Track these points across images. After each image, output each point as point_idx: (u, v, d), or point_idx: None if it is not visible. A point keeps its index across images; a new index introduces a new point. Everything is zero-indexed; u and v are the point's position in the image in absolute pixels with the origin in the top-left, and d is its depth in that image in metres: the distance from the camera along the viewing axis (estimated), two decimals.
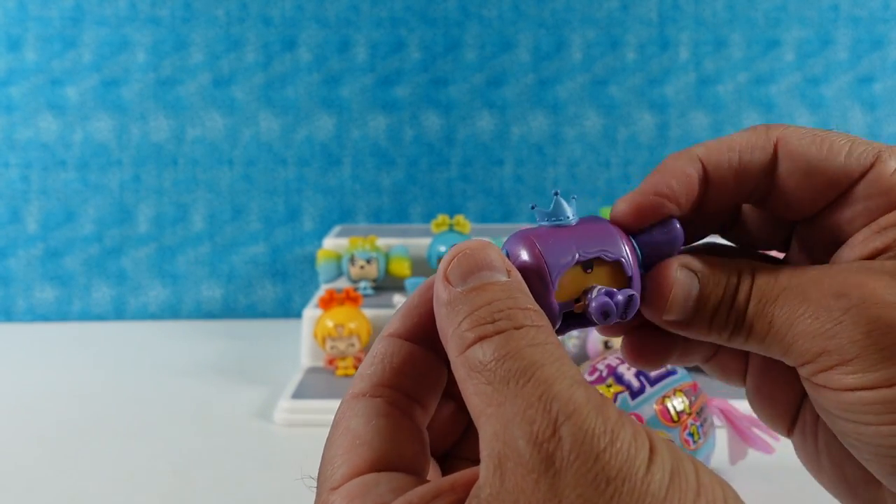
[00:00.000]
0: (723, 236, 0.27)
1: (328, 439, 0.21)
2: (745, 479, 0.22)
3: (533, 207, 0.23)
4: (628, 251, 0.22)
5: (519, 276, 0.20)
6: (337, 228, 1.14)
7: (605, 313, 0.21)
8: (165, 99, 1.18)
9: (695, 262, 0.23)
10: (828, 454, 0.24)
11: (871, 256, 0.22)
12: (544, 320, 0.19)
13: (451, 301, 0.19)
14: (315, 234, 1.20)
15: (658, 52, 1.21)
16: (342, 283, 0.98)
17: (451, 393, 0.23)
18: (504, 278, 0.20)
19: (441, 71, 1.20)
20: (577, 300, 0.22)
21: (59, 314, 1.18)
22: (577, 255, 0.21)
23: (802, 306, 0.21)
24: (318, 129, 1.20)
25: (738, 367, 0.26)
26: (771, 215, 0.25)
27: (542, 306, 0.20)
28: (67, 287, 1.18)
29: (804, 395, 0.24)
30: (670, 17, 1.20)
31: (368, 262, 0.96)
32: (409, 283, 0.87)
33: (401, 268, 0.96)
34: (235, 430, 0.75)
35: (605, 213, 0.28)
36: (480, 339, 0.18)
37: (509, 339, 0.18)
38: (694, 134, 1.22)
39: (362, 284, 0.96)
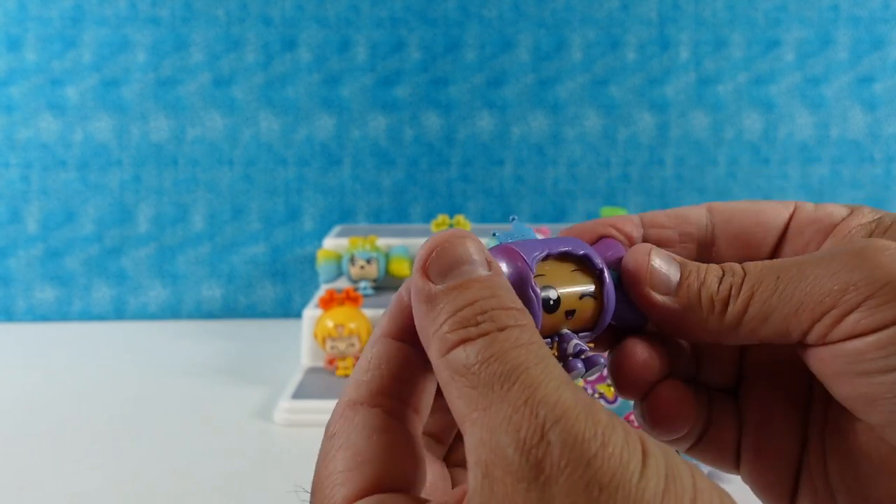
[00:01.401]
0: None
1: (324, 451, 0.20)
2: (741, 486, 0.22)
3: (494, 234, 0.23)
4: (594, 252, 0.23)
5: (500, 268, 0.20)
6: (337, 228, 1.14)
7: (574, 377, 0.21)
8: (165, 99, 1.18)
9: (667, 252, 0.23)
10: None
11: None
12: (527, 318, 0.18)
13: (431, 299, 0.19)
14: (315, 234, 1.20)
15: (658, 52, 1.21)
16: (342, 284, 0.98)
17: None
18: (485, 272, 0.19)
19: (441, 71, 1.20)
20: (553, 339, 0.22)
21: (60, 314, 1.18)
22: (547, 251, 0.22)
23: (803, 272, 0.20)
24: (318, 129, 1.20)
25: (729, 440, 0.24)
26: None
27: (521, 299, 0.20)
28: (67, 287, 1.18)
29: (805, 451, 0.23)
30: (670, 17, 1.20)
31: (368, 262, 0.96)
32: None
33: (401, 268, 0.96)
34: (235, 431, 0.75)
35: (606, 212, 0.28)
36: (463, 341, 0.18)
37: (493, 342, 0.17)
38: (694, 134, 1.22)
39: (362, 284, 0.96)
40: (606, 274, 0.22)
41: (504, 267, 0.21)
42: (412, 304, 0.20)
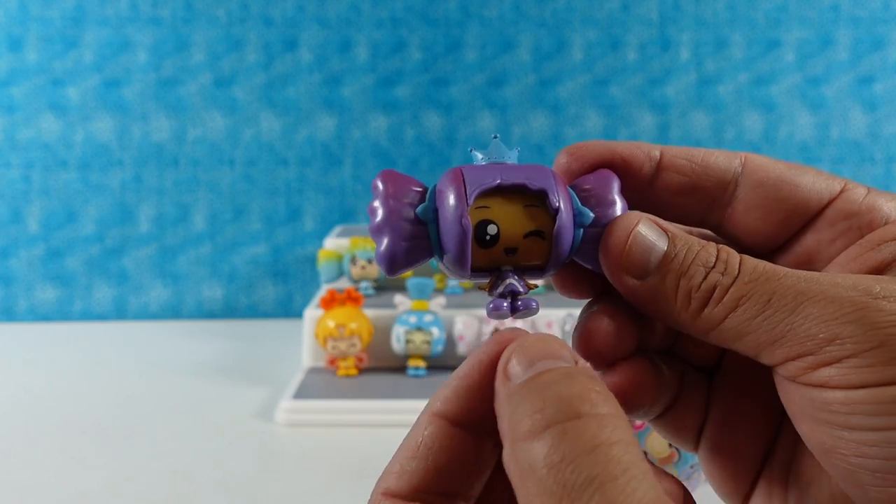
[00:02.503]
0: None
1: None
2: None
3: (471, 150, 0.22)
4: (559, 190, 0.20)
5: (588, 365, 0.17)
6: (338, 228, 1.14)
7: (498, 315, 0.20)
8: (166, 99, 1.18)
9: (662, 221, 0.20)
10: None
11: (871, 273, 0.20)
12: (610, 405, 0.16)
13: (508, 394, 0.17)
14: (316, 234, 1.20)
15: (659, 53, 1.21)
16: (343, 284, 0.98)
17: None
18: (568, 364, 0.17)
19: (442, 71, 1.20)
20: (491, 273, 0.20)
21: (61, 314, 1.18)
22: (499, 180, 0.20)
23: (798, 305, 0.18)
24: (319, 130, 1.20)
25: (694, 421, 0.23)
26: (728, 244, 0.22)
27: (451, 222, 0.19)
28: (69, 287, 1.18)
29: (770, 459, 0.22)
30: (671, 18, 1.21)
31: (369, 262, 0.96)
32: (410, 283, 0.87)
33: None
34: (237, 431, 0.75)
35: None
36: (531, 433, 0.15)
37: (563, 438, 0.15)
38: (695, 134, 1.22)
39: (363, 284, 0.96)
40: (564, 215, 0.20)
41: (442, 193, 0.20)
42: (495, 404, 0.18)
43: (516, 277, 0.20)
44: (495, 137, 0.22)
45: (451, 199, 0.20)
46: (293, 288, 1.21)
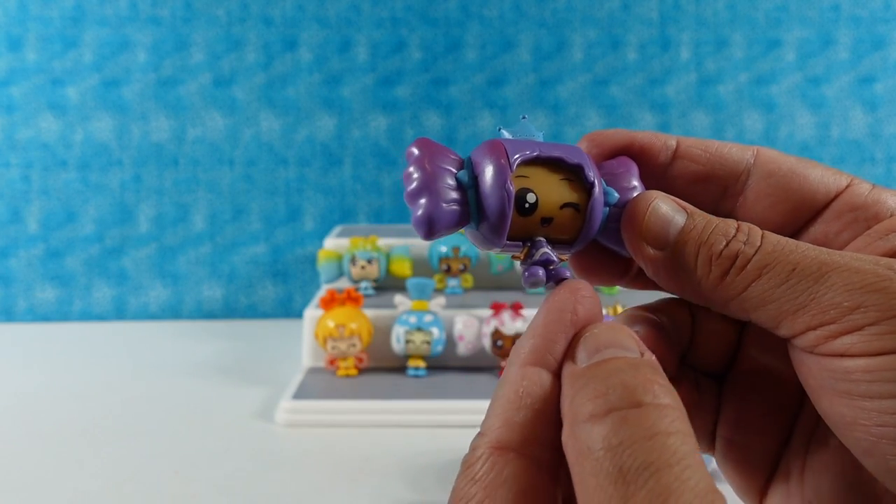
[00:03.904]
0: None
1: (460, 498, 0.17)
2: None
3: (499, 129, 0.22)
4: (593, 166, 0.21)
5: (654, 358, 0.18)
6: (338, 228, 1.14)
7: (534, 283, 0.20)
8: (166, 99, 1.18)
9: (679, 200, 0.21)
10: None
11: None
12: (671, 396, 0.16)
13: (572, 376, 0.17)
14: (316, 234, 1.20)
15: (659, 52, 1.21)
16: (343, 284, 0.98)
17: None
18: (635, 356, 0.17)
19: (442, 71, 1.20)
20: (524, 243, 0.21)
21: (60, 314, 1.18)
22: (538, 151, 0.20)
23: (823, 274, 0.18)
24: (318, 129, 1.20)
25: (707, 423, 0.23)
26: None
27: (494, 187, 0.19)
28: (68, 287, 1.18)
29: (785, 454, 0.22)
30: (671, 17, 1.20)
31: (369, 262, 0.96)
32: (410, 283, 0.87)
33: (402, 268, 0.96)
34: (236, 431, 0.75)
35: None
36: (592, 416, 0.16)
37: (624, 423, 0.15)
38: (695, 134, 1.22)
39: (363, 285, 0.96)
40: (597, 189, 0.21)
41: (482, 160, 0.20)
42: (563, 375, 0.18)
43: (550, 247, 0.21)
44: (524, 118, 0.22)
45: (494, 166, 0.20)
46: (293, 288, 1.20)
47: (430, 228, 0.20)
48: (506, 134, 0.22)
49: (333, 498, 0.61)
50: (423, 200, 0.20)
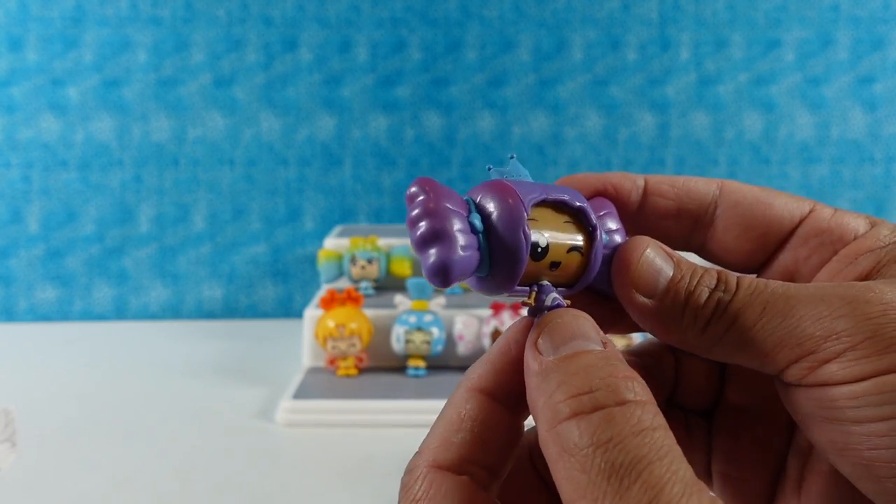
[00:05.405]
0: None
1: None
2: None
3: (489, 168, 0.21)
4: (592, 209, 0.21)
5: (616, 348, 0.18)
6: (338, 228, 1.14)
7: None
8: (166, 99, 1.18)
9: (666, 247, 0.22)
10: None
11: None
12: (646, 392, 0.17)
13: (542, 371, 0.18)
14: (316, 234, 1.20)
15: (659, 53, 1.21)
16: (343, 283, 0.98)
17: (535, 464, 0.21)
18: (599, 348, 0.18)
19: (442, 71, 1.20)
20: (531, 288, 0.20)
21: (61, 314, 1.18)
22: (544, 195, 0.20)
23: (791, 308, 0.19)
24: (319, 130, 1.20)
25: (700, 459, 0.24)
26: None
27: (508, 232, 0.19)
28: (68, 287, 1.18)
29: (780, 471, 0.23)
30: (671, 18, 1.21)
31: (369, 262, 0.96)
32: (410, 282, 0.87)
33: (402, 268, 0.96)
34: (237, 431, 0.75)
35: None
36: (576, 414, 0.16)
37: (610, 422, 0.16)
38: (694, 134, 1.22)
39: (363, 284, 0.96)
40: (599, 232, 0.21)
41: (493, 204, 0.20)
42: (525, 381, 0.18)
43: (556, 290, 0.21)
44: (512, 157, 0.22)
45: (509, 209, 0.19)
46: (293, 288, 1.21)
47: (447, 277, 0.19)
48: (494, 175, 0.21)
49: (333, 498, 0.62)
50: (437, 248, 0.19)
